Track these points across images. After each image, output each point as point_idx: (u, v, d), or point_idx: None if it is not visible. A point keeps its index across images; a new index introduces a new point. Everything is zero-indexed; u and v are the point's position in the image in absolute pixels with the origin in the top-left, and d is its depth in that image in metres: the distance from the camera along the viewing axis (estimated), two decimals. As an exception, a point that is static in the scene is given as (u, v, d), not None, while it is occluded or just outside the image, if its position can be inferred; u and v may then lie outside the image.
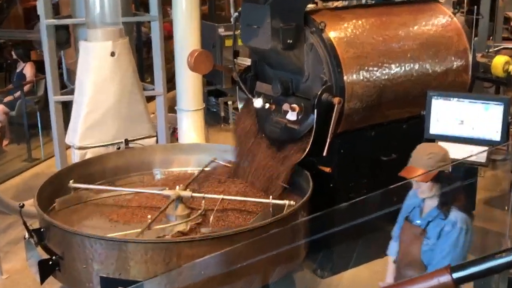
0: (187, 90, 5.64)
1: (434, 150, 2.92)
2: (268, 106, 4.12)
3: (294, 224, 3.50)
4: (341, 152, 4.00)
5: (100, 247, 3.16)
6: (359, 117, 3.95)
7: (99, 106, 4.75)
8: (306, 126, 3.93)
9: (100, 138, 4.79)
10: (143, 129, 5.02)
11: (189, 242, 3.17)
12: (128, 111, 4.87)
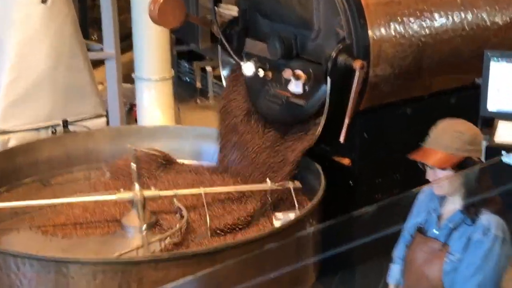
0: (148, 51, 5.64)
1: (460, 128, 2.95)
2: (263, 74, 4.13)
3: (300, 235, 3.53)
4: (364, 137, 4.03)
5: (30, 270, 3.19)
6: (390, 88, 3.97)
7: (26, 74, 4.76)
8: (316, 101, 3.95)
9: (29, 118, 4.80)
10: (88, 106, 5.03)
11: (154, 262, 3.21)
12: (67, 81, 4.88)
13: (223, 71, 4.54)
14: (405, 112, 4.11)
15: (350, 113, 3.72)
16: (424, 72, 4.07)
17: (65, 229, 3.79)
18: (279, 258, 3.43)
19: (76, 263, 3.19)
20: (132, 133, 4.76)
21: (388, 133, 4.08)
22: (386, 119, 4.08)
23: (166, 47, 5.69)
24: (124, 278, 3.15)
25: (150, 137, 4.71)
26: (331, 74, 3.73)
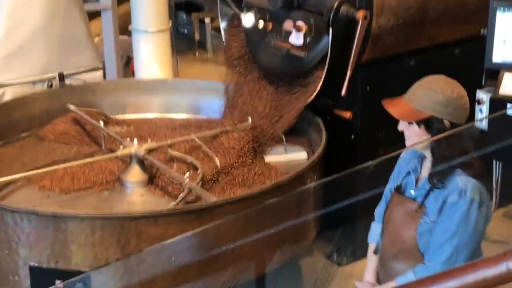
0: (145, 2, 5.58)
1: (438, 87, 2.86)
2: (263, 25, 4.10)
3: (301, 191, 3.53)
4: (367, 89, 4.01)
5: (28, 226, 3.19)
6: (393, 39, 3.94)
7: (20, 26, 4.71)
8: (318, 53, 3.92)
9: (24, 71, 4.76)
10: (84, 59, 4.99)
11: (153, 217, 3.20)
12: (63, 33, 4.84)
13: (222, 23, 4.50)
14: (408, 64, 4.09)
15: (352, 66, 3.71)
16: (428, 23, 4.03)
17: (62, 184, 3.77)
18: (280, 214, 3.44)
19: (75, 218, 3.18)
20: (129, 86, 4.74)
21: (391, 85, 4.04)
22: (389, 71, 4.06)
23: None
24: (123, 234, 3.15)
25: (148, 90, 4.68)
26: (333, 25, 3.70)
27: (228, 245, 3.18)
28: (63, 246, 3.17)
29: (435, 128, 2.84)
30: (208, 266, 3.25)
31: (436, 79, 2.94)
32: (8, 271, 3.29)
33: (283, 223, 3.39)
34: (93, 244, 3.15)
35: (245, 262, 3.34)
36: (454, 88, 2.85)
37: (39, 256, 3.21)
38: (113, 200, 3.64)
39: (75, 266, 3.18)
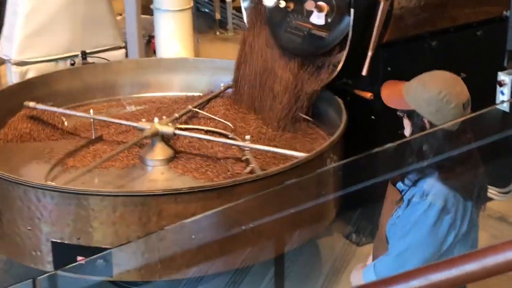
0: (168, -19, 5.57)
1: (430, 83, 2.81)
2: (284, 5, 4.08)
3: (320, 171, 3.53)
4: (388, 70, 3.99)
5: (50, 202, 3.21)
6: (415, 20, 3.92)
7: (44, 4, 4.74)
8: (339, 33, 3.91)
9: (47, 49, 4.80)
10: (106, 38, 5.02)
11: (173, 195, 3.21)
12: (86, 12, 4.86)
13: (243, 2, 4.49)
14: (430, 45, 4.06)
15: (373, 46, 3.70)
16: (451, 3, 4.00)
17: (84, 161, 3.80)
18: (299, 193, 3.45)
19: (97, 195, 3.20)
20: (151, 65, 4.74)
21: (412, 66, 4.03)
22: (410, 52, 4.04)
23: (186, -24, 5.62)
24: (144, 211, 3.17)
25: (169, 69, 4.68)
26: (355, 5, 3.68)
27: (247, 224, 3.20)
28: (84, 223, 3.20)
29: (415, 123, 2.82)
30: (228, 244, 3.27)
31: (435, 75, 2.90)
32: (31, 247, 3.33)
33: (302, 203, 3.39)
34: (114, 221, 3.18)
35: (264, 242, 3.35)
36: (445, 90, 2.76)
37: (61, 232, 3.24)
38: (134, 178, 3.66)
39: (96, 243, 3.21)
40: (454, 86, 2.81)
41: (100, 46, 4.95)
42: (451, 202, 2.74)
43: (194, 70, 4.66)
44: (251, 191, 3.25)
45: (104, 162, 3.70)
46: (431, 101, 2.77)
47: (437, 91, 2.77)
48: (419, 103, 2.79)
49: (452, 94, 2.77)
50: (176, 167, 3.72)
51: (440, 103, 2.76)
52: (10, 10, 4.83)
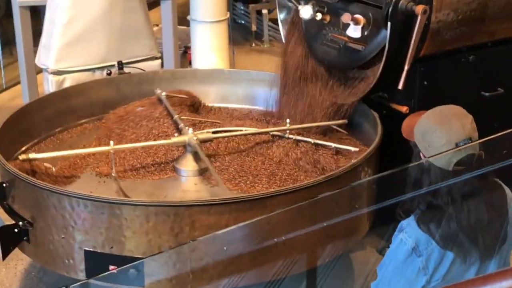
0: (205, -8, 5.60)
1: (431, 117, 2.74)
2: (320, 17, 4.07)
3: (355, 185, 3.50)
4: (424, 84, 3.96)
5: (84, 210, 3.22)
6: (452, 34, 3.88)
7: (81, 14, 4.77)
8: (375, 46, 3.88)
9: (84, 59, 4.83)
10: (143, 48, 5.04)
11: (206, 206, 3.20)
12: (123, 22, 4.89)
13: (280, 14, 4.48)
14: (467, 59, 4.02)
15: (410, 60, 3.66)
16: (489, 18, 3.95)
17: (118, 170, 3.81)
18: (333, 207, 3.42)
19: (130, 205, 3.20)
20: (187, 75, 4.75)
21: (448, 80, 4.01)
22: (447, 67, 4.00)
23: (222, -11, 5.64)
24: (176, 221, 3.16)
25: (204, 80, 4.69)
26: (392, 18, 3.65)
27: (280, 237, 3.17)
28: (117, 232, 3.20)
29: (415, 156, 2.77)
30: (260, 257, 3.24)
31: (438, 109, 2.82)
32: (64, 255, 3.34)
33: (335, 216, 3.37)
34: (147, 231, 3.17)
35: (296, 254, 3.33)
36: (437, 125, 2.69)
37: (94, 241, 3.24)
38: (167, 188, 3.66)
39: (129, 252, 3.20)
40: (451, 122, 2.68)
41: (136, 56, 4.98)
42: (424, 245, 2.66)
43: (229, 82, 4.66)
44: (284, 203, 3.23)
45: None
46: (425, 135, 2.72)
47: (429, 124, 2.71)
48: (417, 136, 2.76)
49: (444, 130, 2.67)
50: (210, 178, 3.72)
51: (430, 137, 2.69)
52: (48, 19, 4.88)
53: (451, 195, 2.68)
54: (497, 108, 3.99)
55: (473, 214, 2.68)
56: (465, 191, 2.68)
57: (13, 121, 3.96)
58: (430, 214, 2.69)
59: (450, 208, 2.67)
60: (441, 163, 2.65)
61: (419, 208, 2.73)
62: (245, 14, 8.67)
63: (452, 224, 2.66)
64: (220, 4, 5.66)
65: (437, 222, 2.67)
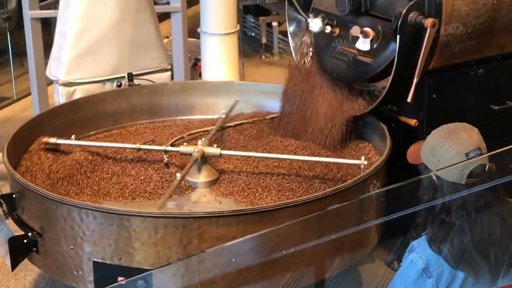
0: (215, 5, 5.61)
1: (437, 133, 2.76)
2: (330, 30, 4.08)
3: (363, 197, 3.49)
4: (433, 97, 3.95)
5: (93, 222, 3.23)
6: (462, 47, 3.88)
7: (92, 26, 4.79)
8: (384, 59, 3.88)
9: (94, 70, 4.85)
10: (153, 60, 5.05)
11: (215, 218, 3.20)
12: (133, 34, 4.91)
13: (290, 27, 4.49)
14: (476, 72, 4.01)
15: (419, 73, 3.66)
16: (498, 31, 3.95)
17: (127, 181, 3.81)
18: (341, 219, 3.41)
19: (138, 216, 3.20)
20: (197, 87, 4.76)
21: (457, 94, 4.00)
22: (456, 80, 3.99)
23: (233, 1, 5.66)
24: (185, 233, 3.16)
25: (214, 92, 4.70)
26: (401, 32, 3.65)
27: (288, 249, 3.17)
28: (126, 243, 3.20)
29: (424, 179, 2.76)
30: (268, 269, 3.24)
31: (443, 126, 2.84)
32: (73, 266, 3.34)
33: (344, 229, 3.36)
34: (155, 242, 3.17)
35: (305, 267, 3.32)
36: (445, 138, 2.71)
37: (102, 252, 3.25)
38: (176, 200, 3.66)
39: (137, 264, 3.21)
40: (458, 134, 2.71)
41: (146, 68, 4.99)
42: (434, 266, 2.67)
43: (239, 94, 4.67)
44: (292, 215, 3.23)
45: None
46: (433, 151, 2.72)
47: (437, 140, 2.73)
48: (426, 155, 2.76)
49: (452, 142, 2.68)
50: (219, 190, 3.72)
51: (440, 151, 2.69)
52: (59, 31, 4.90)
53: (465, 209, 2.67)
54: (506, 122, 3.98)
55: (486, 228, 2.67)
56: (478, 204, 2.68)
57: (23, 132, 3.98)
58: (442, 234, 2.70)
59: (463, 223, 2.67)
60: (454, 177, 2.65)
61: (431, 228, 2.72)
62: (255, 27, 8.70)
63: (464, 239, 2.66)
64: (231, 17, 5.68)
65: (448, 241, 2.66)
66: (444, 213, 2.70)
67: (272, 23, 8.23)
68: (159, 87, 4.73)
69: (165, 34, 5.98)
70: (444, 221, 2.70)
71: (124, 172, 3.87)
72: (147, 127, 4.52)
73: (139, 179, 3.81)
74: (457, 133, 2.70)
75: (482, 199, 2.67)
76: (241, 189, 3.71)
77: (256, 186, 3.72)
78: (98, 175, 3.86)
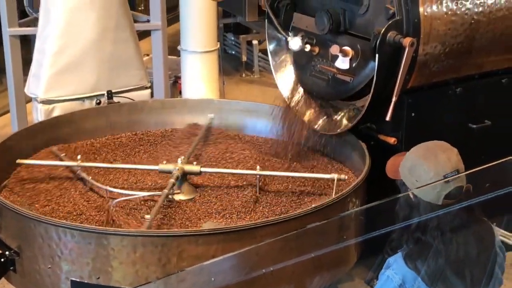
0: (195, 23, 5.62)
1: (416, 152, 2.77)
2: (309, 49, 4.09)
3: (343, 215, 3.49)
4: (412, 116, 3.97)
5: (71, 240, 3.20)
6: (440, 66, 3.90)
7: (72, 44, 4.79)
8: (363, 77, 3.90)
9: (73, 88, 4.84)
10: (133, 77, 5.05)
11: (194, 236, 3.20)
12: (113, 52, 4.90)
13: (270, 45, 4.51)
14: (454, 91, 4.03)
15: (397, 91, 3.67)
16: (476, 51, 3.98)
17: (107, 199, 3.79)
18: (321, 237, 3.40)
19: (117, 235, 3.19)
20: (176, 105, 4.76)
21: (436, 112, 4.02)
22: (434, 98, 4.01)
23: (213, 19, 5.68)
24: (164, 252, 3.15)
25: (194, 110, 4.69)
26: (380, 50, 3.67)
27: (268, 267, 3.16)
28: (104, 262, 3.17)
29: (401, 196, 2.79)
30: (248, 287, 3.22)
31: (423, 145, 2.86)
32: (50, 285, 3.31)
33: (323, 247, 3.35)
34: (134, 261, 3.15)
35: (284, 285, 3.31)
36: (423, 159, 2.71)
37: (80, 271, 3.22)
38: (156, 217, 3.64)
39: (116, 283, 3.18)
40: (436, 155, 2.72)
41: (126, 85, 4.99)
42: (410, 282, 2.68)
43: (219, 112, 4.67)
44: (272, 234, 3.22)
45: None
46: (411, 170, 2.72)
47: (415, 159, 2.74)
48: (404, 172, 2.76)
49: (431, 163, 2.69)
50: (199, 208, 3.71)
51: (418, 172, 2.70)
52: (38, 49, 4.89)
53: (440, 229, 2.67)
54: (484, 141, 4.00)
55: (462, 248, 2.68)
56: (454, 225, 2.69)
57: (2, 149, 3.95)
58: (418, 251, 2.70)
59: (439, 243, 2.67)
60: (431, 197, 2.66)
61: (406, 245, 2.72)
62: (236, 45, 8.72)
63: (439, 259, 2.66)
64: (211, 35, 5.69)
65: (424, 259, 2.67)
66: (419, 231, 2.70)
67: (253, 41, 8.26)
68: (139, 104, 4.72)
69: (145, 51, 5.98)
70: (419, 239, 2.70)
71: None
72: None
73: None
74: (436, 153, 2.71)
75: (458, 219, 2.68)
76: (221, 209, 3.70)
77: (230, 205, 3.72)
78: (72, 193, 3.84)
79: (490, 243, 2.77)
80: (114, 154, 4.33)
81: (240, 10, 8.01)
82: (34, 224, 3.28)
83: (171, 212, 3.66)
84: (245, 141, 4.49)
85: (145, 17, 6.18)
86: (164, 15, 5.85)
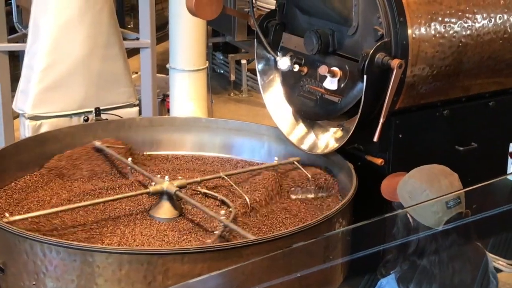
0: (184, 42, 5.65)
1: (416, 175, 2.75)
2: (298, 69, 4.11)
3: (329, 235, 3.50)
4: (399, 137, 3.99)
5: (56, 257, 3.19)
6: (427, 88, 3.93)
7: (60, 61, 4.79)
8: (351, 98, 3.92)
9: (61, 104, 4.83)
10: (121, 95, 5.05)
11: (180, 254, 3.19)
12: (101, 69, 4.90)
13: (258, 64, 4.52)
14: (441, 113, 4.06)
15: (385, 113, 3.69)
16: (463, 74, 4.01)
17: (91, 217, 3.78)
18: (307, 257, 3.40)
19: (102, 252, 3.18)
20: (164, 123, 4.75)
21: (423, 134, 4.04)
22: (421, 120, 4.04)
23: (202, 38, 5.71)
24: (149, 270, 3.14)
25: (182, 128, 4.70)
26: (368, 72, 3.69)
27: (253, 287, 3.15)
28: (89, 279, 3.16)
29: (399, 218, 2.76)
30: (233, 306, 3.22)
31: (424, 168, 2.83)
32: (34, 302, 3.30)
33: (309, 267, 3.35)
34: (119, 279, 3.14)
35: (270, 305, 3.31)
36: (426, 184, 2.70)
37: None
38: (141, 235, 3.63)
39: (101, 301, 3.17)
40: (439, 180, 2.71)
41: (114, 103, 4.98)
42: None
43: (207, 130, 4.67)
44: (258, 253, 3.22)
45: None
46: (413, 195, 2.72)
47: (417, 184, 2.72)
48: (403, 196, 2.75)
49: (434, 189, 2.68)
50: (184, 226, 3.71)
51: (420, 197, 2.68)
52: (26, 65, 4.89)
53: (437, 254, 2.67)
54: (471, 163, 4.02)
55: (457, 275, 2.67)
56: (451, 251, 2.68)
57: (-12, 165, 3.94)
58: (411, 274, 2.69)
59: (434, 268, 2.67)
60: (431, 222, 2.65)
61: (400, 267, 2.72)
62: (224, 64, 8.74)
63: (434, 285, 2.66)
64: (200, 53, 5.72)
65: (417, 283, 2.66)
66: (416, 255, 2.70)
67: (241, 60, 8.29)
68: (127, 122, 4.71)
69: (134, 69, 5.98)
70: (415, 263, 2.70)
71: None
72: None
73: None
74: (439, 179, 2.70)
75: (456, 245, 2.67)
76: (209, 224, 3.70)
77: (202, 228, 3.72)
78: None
79: (484, 271, 2.77)
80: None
81: (229, 29, 8.05)
82: (19, 240, 3.26)
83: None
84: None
85: (134, 35, 6.20)
86: (153, 33, 5.87)
